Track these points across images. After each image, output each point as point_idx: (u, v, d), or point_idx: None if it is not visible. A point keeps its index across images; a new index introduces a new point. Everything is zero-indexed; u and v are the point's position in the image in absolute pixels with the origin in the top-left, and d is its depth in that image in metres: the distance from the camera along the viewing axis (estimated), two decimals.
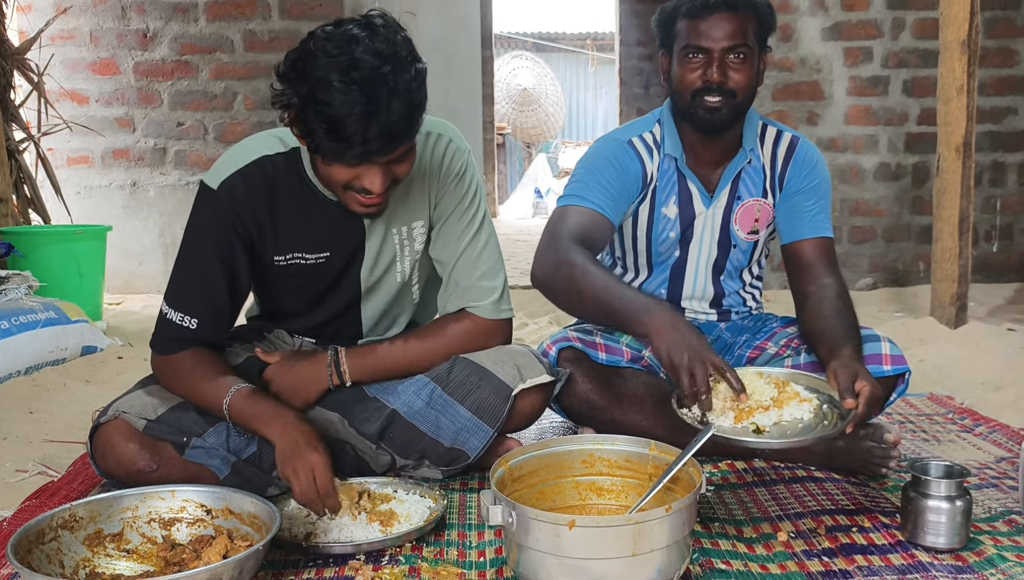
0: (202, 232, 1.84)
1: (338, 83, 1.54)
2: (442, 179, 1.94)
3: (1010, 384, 2.84)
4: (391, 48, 1.59)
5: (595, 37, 15.23)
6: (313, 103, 1.56)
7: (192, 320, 1.82)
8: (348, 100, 1.54)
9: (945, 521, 1.62)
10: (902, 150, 4.87)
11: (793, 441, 1.68)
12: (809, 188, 2.22)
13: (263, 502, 1.58)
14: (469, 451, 1.94)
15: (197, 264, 1.83)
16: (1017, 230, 4.98)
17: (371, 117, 1.55)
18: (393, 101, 1.56)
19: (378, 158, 1.63)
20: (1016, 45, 4.85)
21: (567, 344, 2.13)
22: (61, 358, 3.21)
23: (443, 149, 1.94)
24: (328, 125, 1.56)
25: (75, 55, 4.97)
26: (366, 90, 1.54)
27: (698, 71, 2.07)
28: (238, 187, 1.80)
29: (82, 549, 1.54)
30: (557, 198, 2.24)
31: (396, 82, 1.57)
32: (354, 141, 1.57)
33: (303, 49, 1.61)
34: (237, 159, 1.84)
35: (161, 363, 1.88)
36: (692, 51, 2.07)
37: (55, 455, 2.26)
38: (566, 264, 2.02)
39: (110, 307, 4.53)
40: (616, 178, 2.17)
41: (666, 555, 1.43)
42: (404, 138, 1.64)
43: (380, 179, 1.67)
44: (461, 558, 1.63)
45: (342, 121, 1.55)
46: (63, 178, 4.85)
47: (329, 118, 1.55)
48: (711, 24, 2.04)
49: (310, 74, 1.57)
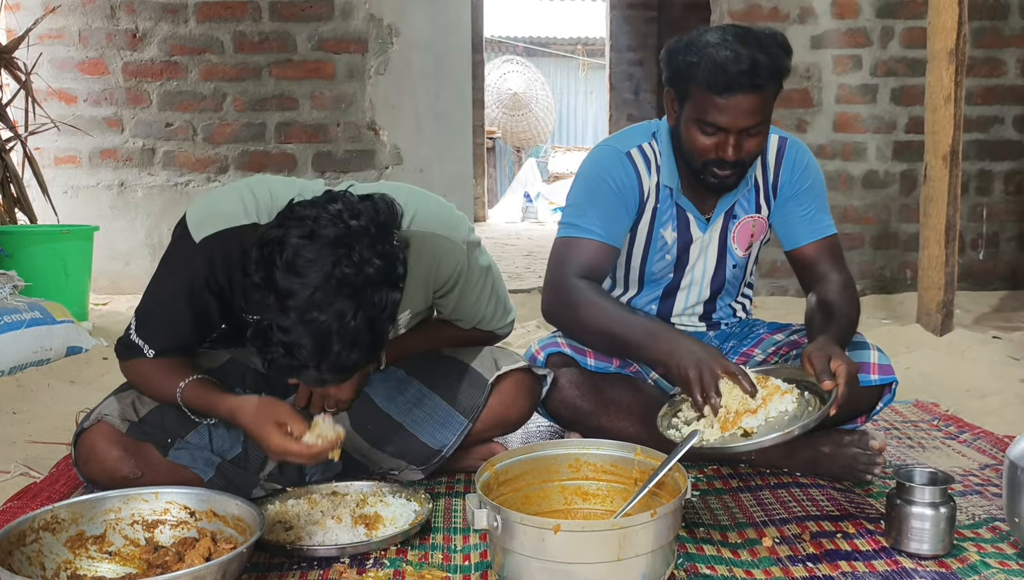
0: (176, 279, 1.77)
1: (294, 314, 1.45)
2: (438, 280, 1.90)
3: (995, 391, 2.85)
4: (361, 277, 1.47)
5: (586, 42, 15.26)
6: (273, 315, 1.48)
7: (151, 350, 1.79)
8: (302, 334, 1.46)
9: (929, 528, 1.63)
10: (890, 158, 4.89)
11: (779, 435, 1.66)
12: (802, 191, 2.16)
13: (247, 504, 1.57)
14: (443, 444, 1.94)
15: (167, 305, 1.78)
16: (1003, 238, 5.01)
17: (324, 357, 1.49)
18: (348, 342, 1.48)
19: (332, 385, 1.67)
20: (1003, 55, 4.88)
21: (555, 349, 2.14)
22: (46, 358, 3.19)
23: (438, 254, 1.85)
24: (283, 348, 1.49)
25: (63, 54, 4.94)
26: (320, 331, 1.46)
27: (711, 142, 1.95)
28: (216, 249, 1.72)
29: (64, 551, 1.53)
30: (558, 224, 2.15)
31: (355, 318, 1.47)
32: (308, 370, 1.52)
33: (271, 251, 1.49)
34: (224, 216, 1.73)
35: (123, 368, 1.88)
36: (708, 125, 1.93)
37: (38, 456, 2.24)
38: (571, 304, 2.01)
39: (96, 307, 4.51)
40: (615, 201, 2.09)
41: (651, 560, 1.43)
42: (362, 366, 1.58)
43: (347, 389, 1.75)
44: (446, 562, 1.63)
45: (294, 352, 1.48)
46: (50, 178, 4.82)
47: (284, 344, 1.48)
48: (731, 104, 1.89)
49: (273, 283, 1.47)
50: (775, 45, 1.91)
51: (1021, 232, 5.03)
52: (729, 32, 1.92)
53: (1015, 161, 4.97)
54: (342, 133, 5.00)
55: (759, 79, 1.87)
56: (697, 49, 1.92)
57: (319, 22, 4.91)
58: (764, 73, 1.87)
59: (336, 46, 4.93)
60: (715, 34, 1.93)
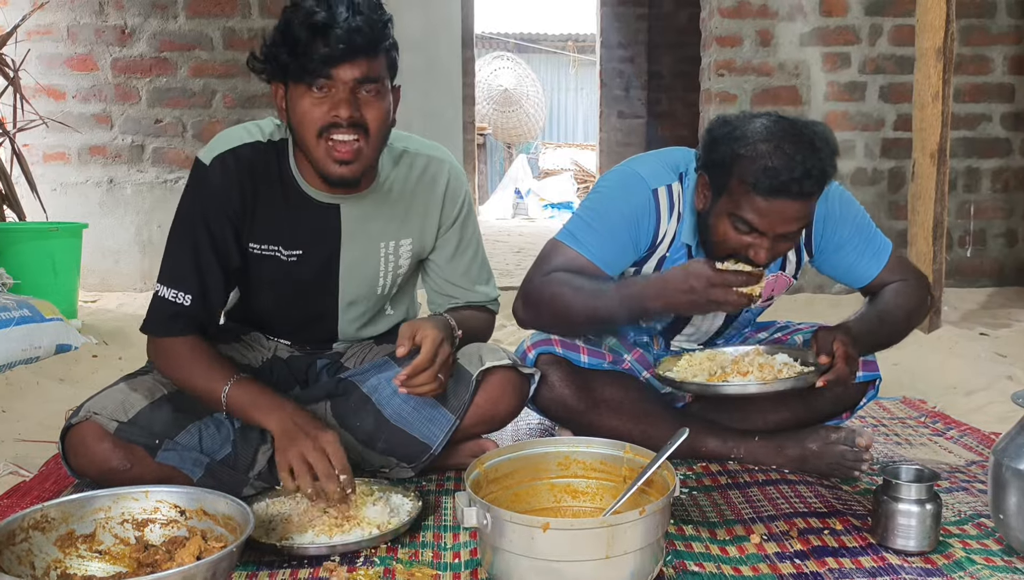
0: (192, 206, 1.85)
1: (303, 3, 1.67)
2: (447, 205, 2.00)
3: (981, 388, 2.87)
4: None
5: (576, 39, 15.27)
6: (280, 29, 1.69)
7: (185, 296, 1.82)
8: (309, 10, 1.65)
9: (915, 524, 1.64)
10: (878, 155, 4.91)
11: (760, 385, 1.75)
12: (845, 238, 2.09)
13: (237, 503, 1.57)
14: (432, 440, 1.95)
15: (189, 239, 1.84)
16: (990, 235, 5.04)
17: (329, 23, 1.64)
18: (352, 12, 1.66)
19: (342, 67, 1.68)
20: (991, 53, 4.91)
21: (547, 349, 2.13)
22: (35, 356, 3.18)
23: (446, 176, 1.99)
24: (291, 42, 1.66)
25: (52, 50, 4.92)
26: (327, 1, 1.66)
27: (743, 241, 1.85)
28: (230, 163, 1.83)
29: (53, 550, 1.53)
30: (562, 228, 2.09)
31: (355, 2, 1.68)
32: (315, 48, 1.65)
33: None
34: (232, 139, 1.87)
35: (158, 347, 1.88)
36: (743, 222, 1.83)
37: (27, 455, 2.24)
38: (543, 300, 1.99)
39: (85, 305, 4.50)
40: (625, 235, 2.01)
41: (640, 557, 1.44)
42: (366, 50, 1.69)
43: (346, 101, 1.71)
44: (436, 559, 1.64)
45: (301, 31, 1.65)
46: (39, 174, 4.80)
47: (291, 35, 1.66)
48: (775, 208, 1.79)
49: (283, 16, 1.70)
50: (826, 148, 1.81)
51: (1008, 229, 5.06)
52: (780, 127, 1.82)
53: (1002, 158, 5.00)
54: None
55: (809, 187, 1.78)
56: (744, 141, 1.81)
57: None
58: (815, 184, 1.79)
59: None
60: (764, 127, 1.82)
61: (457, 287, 2.09)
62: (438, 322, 1.90)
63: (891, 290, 2.11)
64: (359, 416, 1.95)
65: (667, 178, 2.04)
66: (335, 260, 1.94)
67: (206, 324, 1.90)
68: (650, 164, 2.08)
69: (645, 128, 8.93)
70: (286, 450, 1.69)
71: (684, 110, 8.36)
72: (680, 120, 8.53)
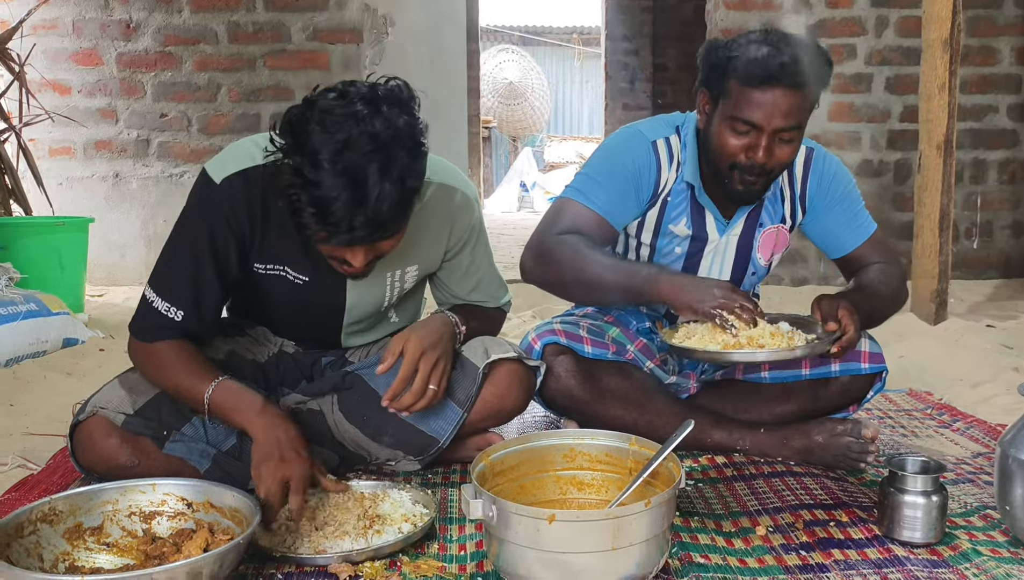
0: (199, 223, 1.79)
1: (328, 164, 1.49)
2: (455, 232, 1.98)
3: (988, 380, 2.87)
4: (391, 132, 1.53)
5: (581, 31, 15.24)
6: (302, 179, 1.52)
7: (178, 312, 1.78)
8: (336, 184, 1.49)
9: (921, 516, 1.64)
10: (884, 147, 4.90)
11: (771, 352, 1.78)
12: (835, 200, 2.16)
13: (244, 496, 1.58)
14: (439, 433, 1.95)
15: (190, 255, 1.78)
16: (997, 227, 5.03)
17: (358, 206, 1.51)
18: (383, 192, 1.51)
19: (362, 245, 1.62)
20: (998, 44, 4.89)
21: (552, 339, 2.13)
22: (42, 350, 3.19)
23: (455, 204, 1.95)
24: (314, 207, 1.52)
25: (57, 45, 4.93)
26: (356, 176, 1.49)
27: (742, 142, 1.94)
28: (239, 187, 1.76)
29: (62, 543, 1.54)
30: (565, 185, 2.15)
31: (389, 169, 1.52)
32: (340, 228, 1.53)
33: (301, 116, 1.55)
34: (242, 157, 1.78)
35: (140, 349, 1.83)
36: (741, 123, 1.92)
37: (35, 448, 2.25)
38: (556, 259, 2.01)
39: (92, 299, 4.51)
40: (628, 184, 2.08)
41: (645, 549, 1.44)
42: (392, 228, 1.60)
43: (362, 257, 1.65)
44: (442, 552, 1.64)
45: (328, 205, 1.50)
46: (45, 169, 4.81)
47: (316, 200, 1.51)
48: (768, 98, 1.88)
49: (303, 145, 1.52)
50: (817, 49, 1.92)
51: (1015, 221, 5.05)
52: (771, 30, 1.94)
53: (1009, 150, 4.98)
54: None
55: (799, 76, 1.86)
56: (738, 45, 1.93)
57: (314, 12, 4.89)
58: (804, 70, 1.86)
59: (331, 36, 4.91)
60: (757, 33, 1.94)
61: (465, 301, 2.10)
62: (431, 325, 1.90)
63: (876, 269, 2.13)
64: (366, 410, 1.95)
65: (665, 131, 2.14)
66: (341, 290, 1.93)
67: (199, 335, 1.85)
68: (648, 122, 2.20)
69: None
70: (258, 463, 1.65)
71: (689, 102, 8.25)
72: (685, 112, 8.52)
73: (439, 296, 2.12)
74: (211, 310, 1.85)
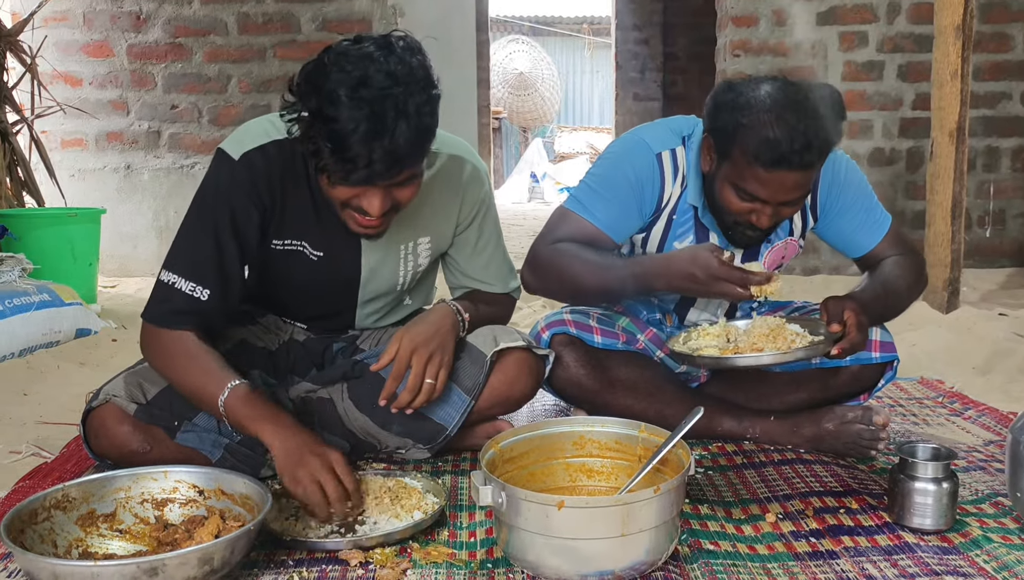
0: (220, 199, 1.78)
1: (346, 98, 1.52)
2: (465, 204, 1.98)
3: (1000, 368, 2.86)
4: (405, 69, 1.56)
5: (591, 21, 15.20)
6: (321, 118, 1.54)
7: (204, 290, 1.74)
8: (354, 117, 1.51)
9: (932, 503, 1.64)
10: (896, 135, 4.87)
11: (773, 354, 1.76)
12: (848, 204, 2.10)
13: (255, 483, 1.59)
14: (448, 421, 1.96)
15: (212, 231, 1.76)
16: (1010, 215, 5.00)
17: (376, 137, 1.52)
18: (400, 123, 1.53)
19: (381, 181, 1.61)
20: (1011, 30, 4.85)
21: (561, 329, 2.13)
22: (55, 340, 3.21)
23: (466, 175, 1.97)
24: (333, 143, 1.54)
25: (68, 37, 4.95)
26: (374, 108, 1.52)
27: (745, 206, 1.88)
28: (259, 162, 1.78)
29: (75, 529, 1.55)
30: (568, 195, 2.12)
31: (406, 104, 1.54)
32: (358, 162, 1.55)
33: (318, 62, 1.59)
34: (257, 135, 1.80)
35: (156, 338, 1.78)
36: (745, 193, 1.86)
37: (49, 437, 2.27)
38: (552, 267, 2.00)
39: (104, 290, 4.54)
40: (631, 198, 2.02)
41: (654, 535, 1.44)
42: (410, 163, 1.61)
43: (379, 202, 1.65)
44: (452, 538, 1.65)
45: (347, 139, 1.52)
46: (57, 161, 4.84)
47: (335, 135, 1.53)
48: (775, 178, 1.80)
49: (320, 87, 1.55)
50: (831, 114, 1.80)
51: None
52: (784, 95, 1.80)
53: (1022, 137, 4.94)
54: None
55: (811, 158, 1.79)
56: (748, 111, 1.81)
57: (323, 2, 4.90)
58: (817, 153, 1.79)
59: (340, 27, 4.91)
60: (768, 94, 1.81)
61: (476, 281, 2.10)
62: (427, 319, 1.90)
63: (891, 262, 2.10)
64: (375, 398, 1.96)
65: (671, 142, 2.05)
66: (356, 263, 1.93)
67: (216, 322, 1.82)
68: (653, 130, 2.11)
69: (661, 110, 8.89)
70: (294, 470, 1.59)
71: (700, 92, 8.27)
72: (696, 102, 8.39)
73: (451, 279, 2.13)
74: (236, 289, 1.81)
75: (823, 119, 1.78)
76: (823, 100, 1.81)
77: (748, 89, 1.85)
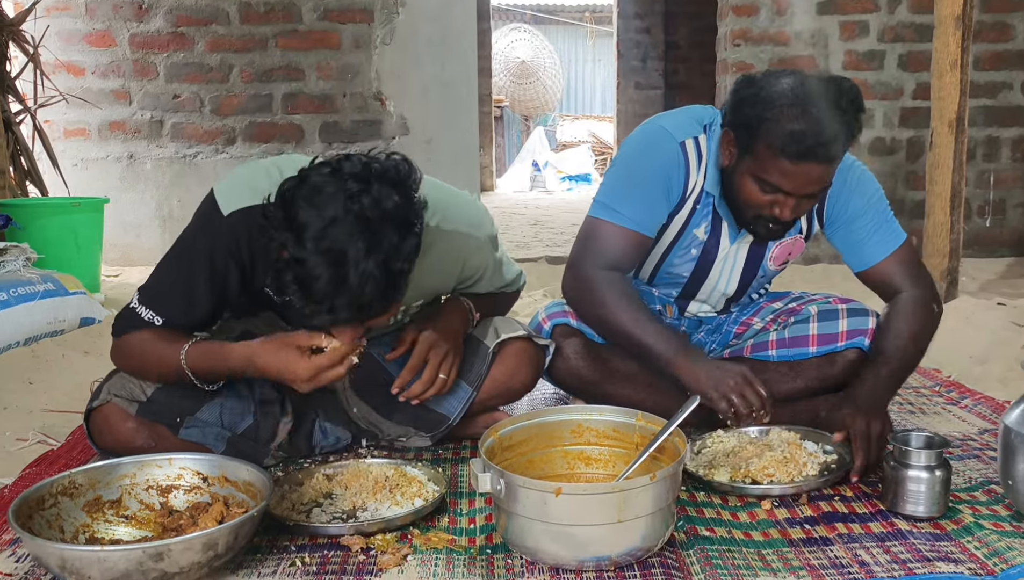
0: (200, 251, 1.76)
1: (311, 242, 1.47)
2: (467, 270, 1.97)
3: (998, 358, 2.87)
4: (378, 212, 1.49)
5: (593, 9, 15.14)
6: (288, 254, 1.50)
7: (158, 319, 1.76)
8: (318, 263, 1.47)
9: (925, 491, 1.66)
10: (897, 125, 4.88)
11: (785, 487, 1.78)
12: (858, 212, 2.08)
13: (258, 470, 1.61)
14: (450, 411, 1.98)
15: (186, 278, 1.76)
16: (1010, 205, 5.01)
17: (340, 288, 1.48)
18: (366, 273, 1.48)
19: (346, 326, 1.60)
20: (1012, 19, 4.85)
21: (562, 320, 2.15)
22: (60, 329, 3.23)
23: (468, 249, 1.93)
24: (298, 284, 1.50)
25: (70, 26, 4.95)
26: (337, 257, 1.47)
27: (768, 199, 1.89)
28: (243, 224, 1.72)
29: (82, 515, 1.58)
30: (593, 200, 2.08)
31: (373, 252, 1.48)
32: (322, 307, 1.51)
33: (294, 189, 1.53)
34: (253, 189, 1.70)
35: (115, 348, 1.83)
36: (768, 185, 1.87)
37: (54, 424, 2.30)
38: (595, 301, 2.00)
39: (108, 279, 4.56)
40: (658, 189, 2.01)
41: (651, 522, 1.47)
42: (377, 310, 1.57)
43: (350, 333, 1.63)
44: (452, 525, 1.67)
45: (310, 285, 1.49)
46: (60, 150, 4.85)
47: (299, 277, 1.49)
48: (800, 171, 1.81)
49: (291, 221, 1.50)
50: (852, 107, 1.83)
51: None
52: (806, 88, 1.82)
53: (1023, 127, 4.94)
54: (349, 103, 5.01)
55: (836, 150, 1.81)
56: (771, 105, 1.82)
57: None
58: (842, 146, 1.82)
59: (342, 16, 4.92)
60: (790, 88, 1.82)
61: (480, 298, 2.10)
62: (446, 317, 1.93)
63: (907, 320, 2.03)
64: (377, 386, 1.98)
65: (693, 130, 2.04)
66: None
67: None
68: (674, 118, 2.09)
69: (662, 99, 8.89)
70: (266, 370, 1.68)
71: (701, 80, 8.31)
72: (697, 90, 8.47)
73: None
74: (199, 325, 1.83)
75: (845, 111, 1.81)
76: (844, 92, 1.83)
77: (769, 83, 1.86)
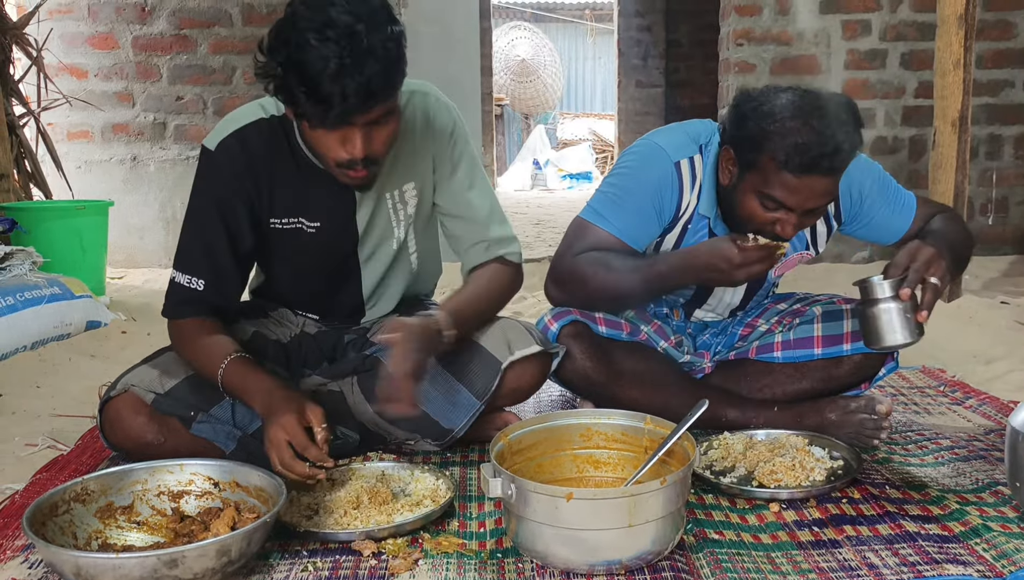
0: (203, 193, 1.89)
1: (314, 41, 1.57)
2: (436, 138, 1.98)
3: (1002, 357, 2.88)
4: (366, 8, 1.62)
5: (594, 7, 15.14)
6: (292, 66, 1.59)
7: (199, 281, 1.86)
8: (323, 56, 1.56)
9: (896, 318, 1.79)
10: (899, 123, 4.88)
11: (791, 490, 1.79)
12: (872, 205, 2.12)
13: (269, 475, 1.62)
14: (455, 424, 1.98)
15: (200, 225, 1.88)
16: (1013, 203, 5.01)
17: (347, 72, 1.57)
18: (368, 57, 1.58)
19: (358, 117, 1.65)
20: (1014, 18, 4.85)
21: (568, 319, 2.15)
22: (66, 333, 3.24)
23: (429, 106, 1.98)
24: (307, 86, 1.59)
25: (73, 29, 4.96)
26: (340, 45, 1.56)
27: (770, 216, 1.89)
28: (235, 147, 1.85)
29: (94, 521, 1.59)
30: (586, 204, 2.12)
31: (371, 39, 1.59)
32: (333, 100, 1.59)
33: (283, 17, 1.65)
34: (233, 121, 1.88)
35: (172, 330, 1.92)
36: (771, 201, 1.87)
37: (63, 429, 2.30)
38: (577, 278, 2.03)
39: (113, 282, 4.56)
40: (649, 207, 2.04)
41: (661, 526, 1.48)
42: (382, 96, 1.65)
43: (360, 142, 1.69)
44: (462, 529, 1.68)
45: (319, 78, 1.57)
46: (63, 153, 4.86)
47: (307, 78, 1.58)
48: (805, 184, 1.82)
49: (288, 38, 1.60)
50: (852, 121, 1.85)
51: None
52: (807, 102, 1.84)
53: None
54: None
55: (840, 162, 1.82)
56: (773, 118, 1.83)
57: None
58: (845, 158, 1.83)
59: None
60: (791, 102, 1.84)
61: (471, 226, 2.04)
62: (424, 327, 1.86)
63: (939, 219, 2.10)
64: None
65: (688, 150, 2.06)
66: (352, 221, 1.96)
67: (222, 307, 1.92)
68: (671, 136, 2.11)
69: (663, 97, 8.88)
70: (267, 428, 1.66)
71: (703, 79, 8.30)
72: (699, 89, 8.47)
73: (449, 234, 2.08)
74: (231, 277, 1.91)
75: (846, 124, 1.83)
76: (843, 106, 1.86)
77: (769, 97, 1.88)
